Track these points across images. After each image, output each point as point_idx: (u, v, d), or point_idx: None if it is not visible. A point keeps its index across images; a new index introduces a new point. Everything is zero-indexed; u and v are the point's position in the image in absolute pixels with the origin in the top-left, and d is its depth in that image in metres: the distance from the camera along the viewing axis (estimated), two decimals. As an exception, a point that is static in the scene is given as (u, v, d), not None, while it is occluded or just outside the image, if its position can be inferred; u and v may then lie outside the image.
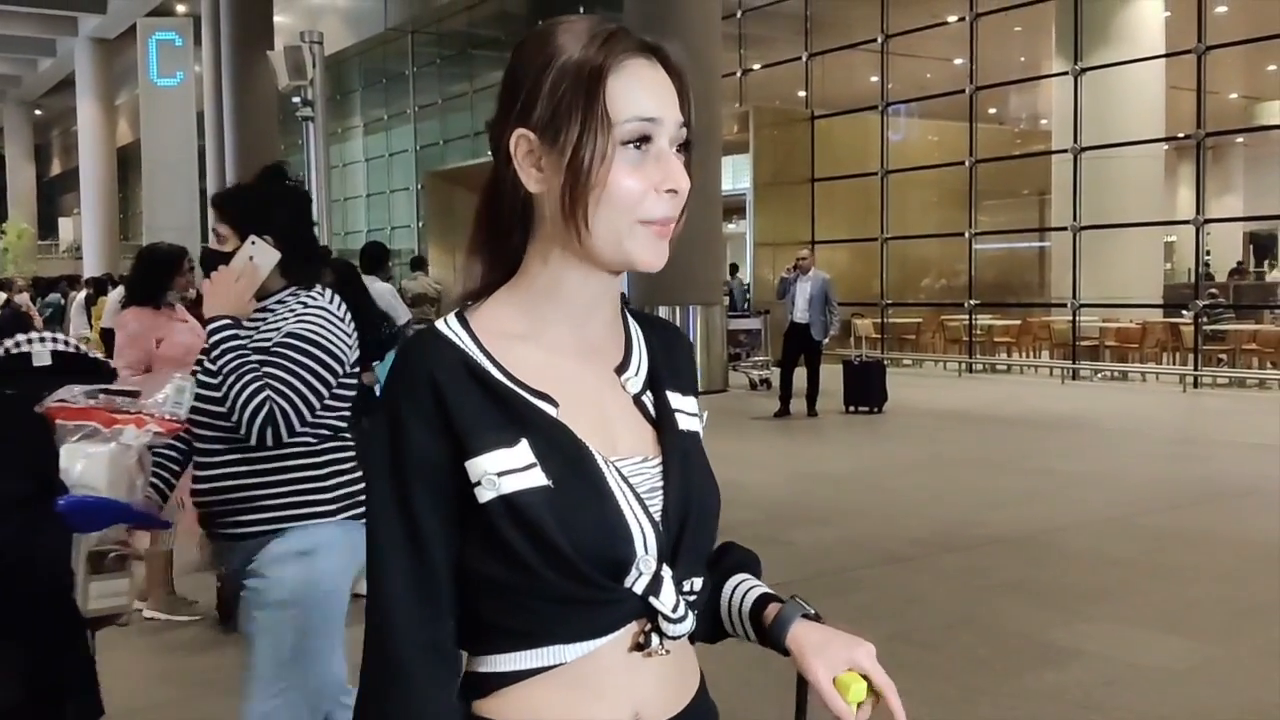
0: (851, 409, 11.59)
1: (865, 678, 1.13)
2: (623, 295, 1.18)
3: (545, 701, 1.05)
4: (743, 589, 1.22)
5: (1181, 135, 15.69)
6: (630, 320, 1.19)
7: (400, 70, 27.74)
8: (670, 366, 1.18)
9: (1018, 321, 16.83)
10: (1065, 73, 15.75)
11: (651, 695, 1.08)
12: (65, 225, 44.64)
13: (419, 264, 12.84)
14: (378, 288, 7.55)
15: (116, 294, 13.79)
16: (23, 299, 14.21)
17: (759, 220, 17.90)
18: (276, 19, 22.96)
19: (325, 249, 10.23)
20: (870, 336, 17.68)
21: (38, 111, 46.46)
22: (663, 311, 13.22)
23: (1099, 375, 15.10)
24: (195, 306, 5.47)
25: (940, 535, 6.26)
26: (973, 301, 16.57)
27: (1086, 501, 7.12)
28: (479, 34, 24.93)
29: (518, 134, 1.05)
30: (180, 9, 28.81)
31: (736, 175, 17.96)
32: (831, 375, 11.57)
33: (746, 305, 17.32)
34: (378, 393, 4.70)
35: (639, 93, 1.04)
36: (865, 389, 11.64)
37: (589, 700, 1.05)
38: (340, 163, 29.56)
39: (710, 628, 1.24)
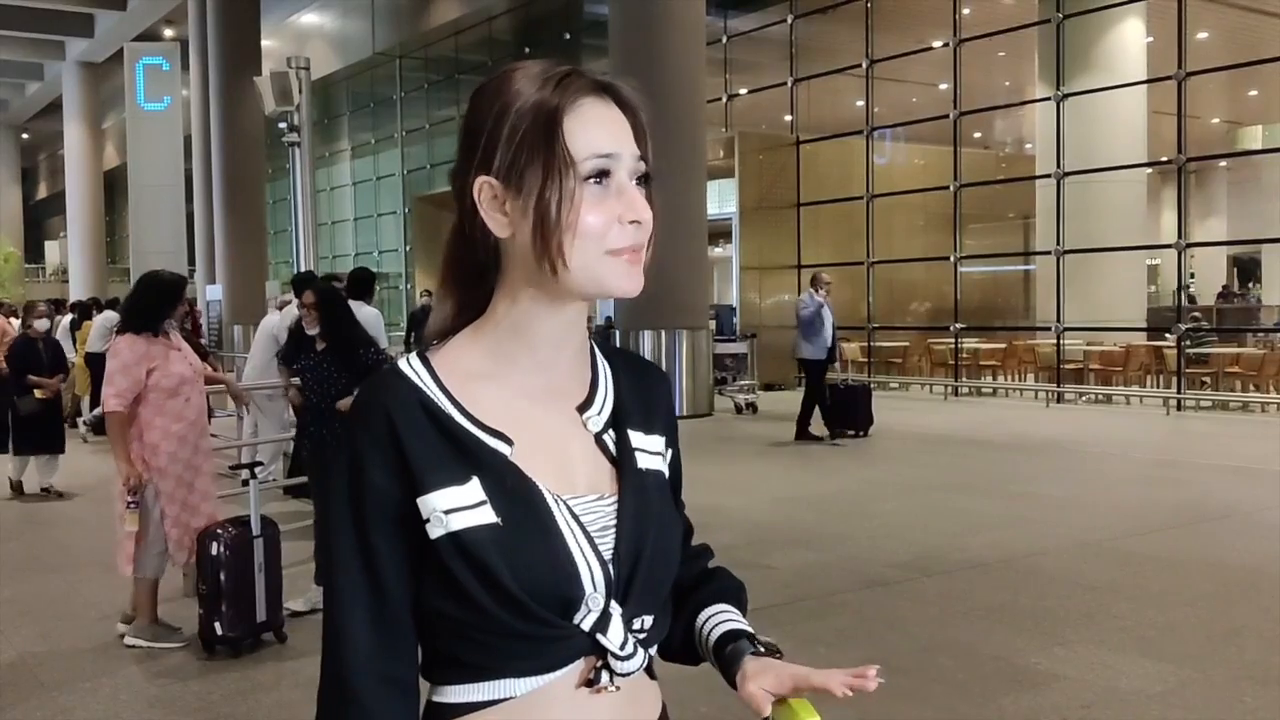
0: (837, 432, 11.61)
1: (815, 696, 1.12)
2: (604, 330, 1.19)
3: None
4: (713, 622, 1.23)
5: (1164, 160, 15.83)
6: (599, 358, 1.19)
7: (388, 94, 27.84)
8: (639, 405, 1.18)
9: (1003, 345, 16.91)
10: (1048, 98, 15.90)
11: None
12: (51, 248, 44.59)
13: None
14: (364, 313, 7.55)
15: (101, 319, 13.77)
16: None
17: (745, 244, 17.97)
18: (264, 43, 23.05)
19: (309, 272, 10.25)
20: (857, 360, 17.75)
21: (25, 135, 46.49)
22: (648, 336, 13.27)
23: (1083, 398, 15.17)
24: (192, 335, 5.53)
25: (921, 559, 6.27)
26: (958, 325, 16.65)
27: (1067, 525, 7.14)
28: (466, 59, 25.05)
29: (480, 181, 1.07)
30: (168, 33, 28.91)
31: (722, 199, 18.06)
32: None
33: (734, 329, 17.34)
34: None
35: (594, 130, 1.06)
36: (851, 412, 11.65)
37: None
38: (328, 186, 29.62)
39: (688, 653, 1.25)
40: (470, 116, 1.10)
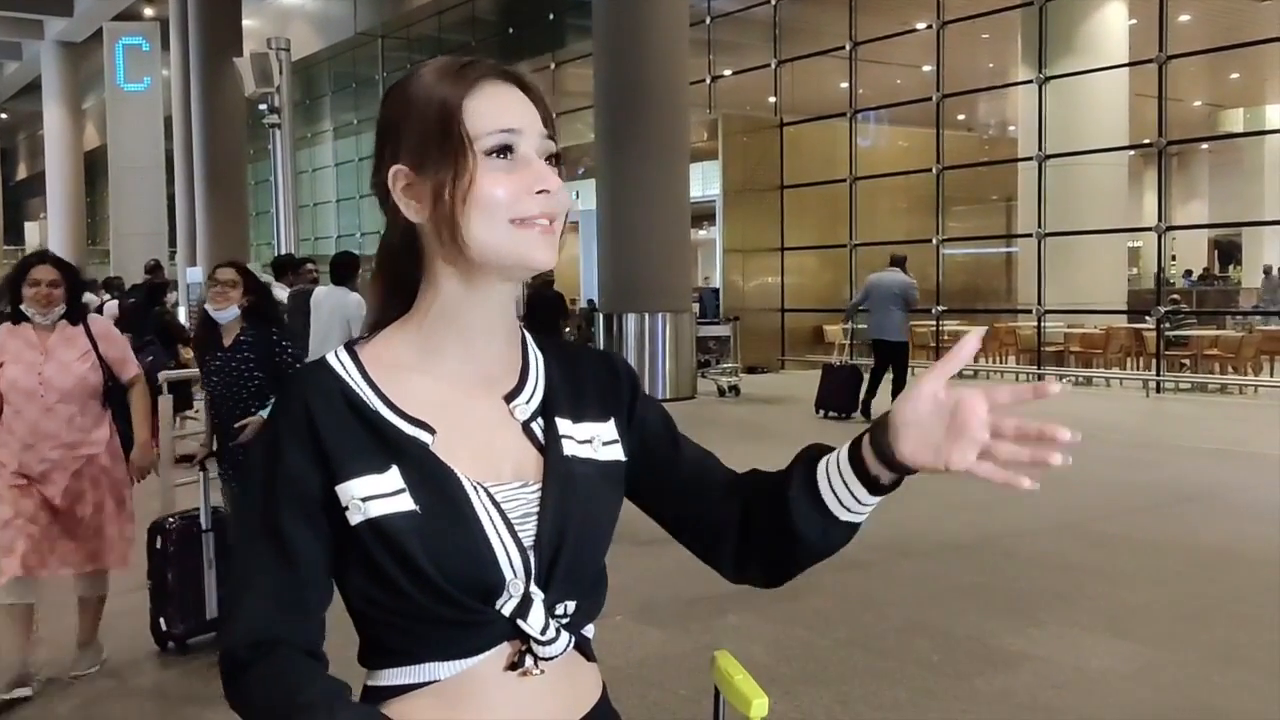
0: (821, 413, 11.67)
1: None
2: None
3: (424, 716, 1.09)
4: (831, 456, 1.15)
5: (1145, 142, 15.89)
6: (531, 347, 1.22)
7: (370, 75, 27.67)
8: (568, 394, 1.20)
9: (984, 327, 16.96)
10: (1030, 81, 15.92)
11: (534, 711, 1.11)
12: (31, 230, 44.21)
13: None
14: (349, 299, 7.51)
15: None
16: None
17: (728, 227, 17.98)
18: (245, 23, 22.86)
19: (289, 254, 10.18)
20: (840, 342, 17.77)
21: (3, 115, 46.10)
22: (631, 318, 13.27)
23: (1063, 380, 15.16)
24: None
25: (898, 541, 6.31)
26: (940, 307, 16.70)
27: (1042, 507, 7.19)
28: (449, 38, 24.91)
29: (394, 170, 1.11)
30: (148, 13, 28.66)
31: (706, 182, 18.04)
32: (805, 380, 11.63)
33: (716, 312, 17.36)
34: None
35: (496, 108, 1.10)
36: (843, 394, 11.68)
37: (467, 715, 1.09)
38: (310, 168, 29.46)
39: (823, 525, 1.15)
40: (382, 113, 1.15)
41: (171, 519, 4.68)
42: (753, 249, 18.05)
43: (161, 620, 4.57)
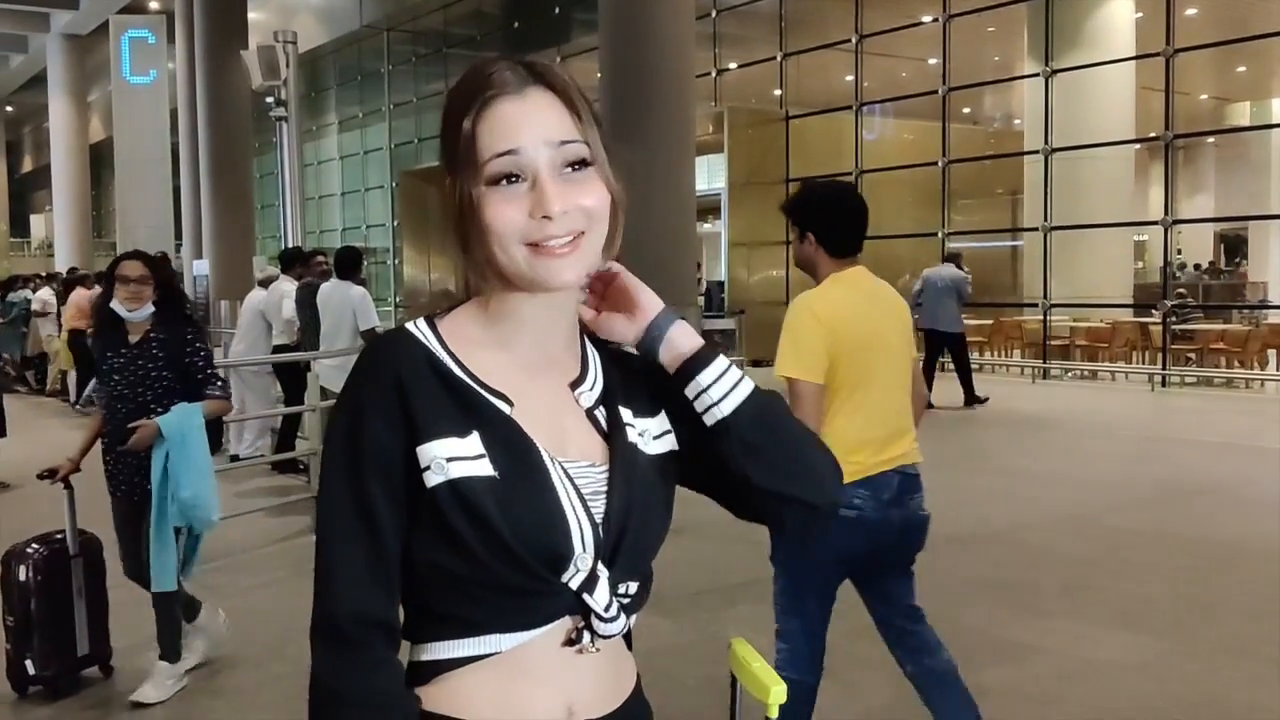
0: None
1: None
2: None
3: (480, 688, 1.11)
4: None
5: (1151, 136, 15.85)
6: (589, 344, 1.24)
7: (375, 68, 27.65)
8: (624, 389, 1.22)
9: (990, 321, 16.96)
10: (1037, 74, 15.89)
11: (585, 691, 1.14)
12: (36, 222, 44.32)
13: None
14: (353, 292, 7.55)
15: (87, 295, 13.70)
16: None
17: (734, 220, 17.96)
18: (251, 16, 22.81)
19: (297, 248, 10.17)
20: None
21: (9, 108, 46.05)
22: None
23: (1069, 374, 15.24)
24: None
25: (905, 533, 6.32)
26: (945, 301, 16.65)
27: (1049, 500, 7.21)
28: (454, 32, 24.90)
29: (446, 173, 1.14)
30: (153, 5, 28.63)
31: (711, 175, 18.00)
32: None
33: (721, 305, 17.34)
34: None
35: (499, 130, 1.09)
36: None
37: (522, 689, 1.11)
38: (315, 160, 29.44)
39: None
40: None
41: (33, 545, 4.12)
42: (758, 242, 18.03)
43: (27, 661, 4.03)
